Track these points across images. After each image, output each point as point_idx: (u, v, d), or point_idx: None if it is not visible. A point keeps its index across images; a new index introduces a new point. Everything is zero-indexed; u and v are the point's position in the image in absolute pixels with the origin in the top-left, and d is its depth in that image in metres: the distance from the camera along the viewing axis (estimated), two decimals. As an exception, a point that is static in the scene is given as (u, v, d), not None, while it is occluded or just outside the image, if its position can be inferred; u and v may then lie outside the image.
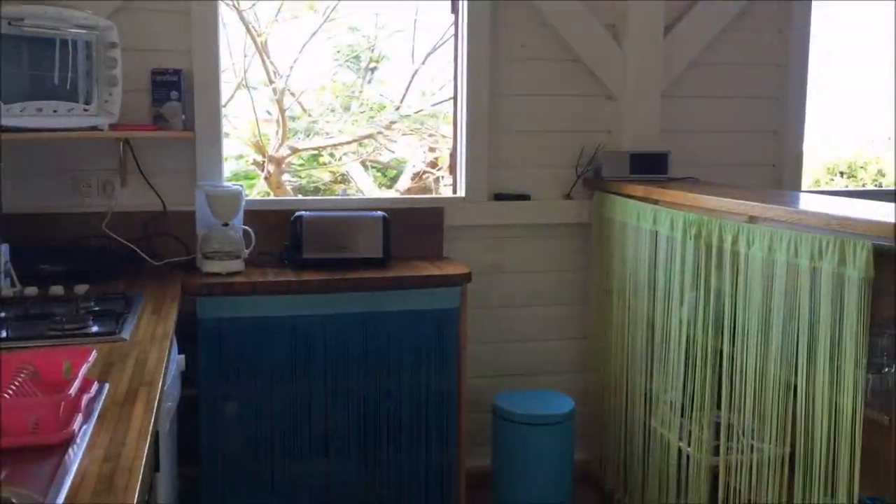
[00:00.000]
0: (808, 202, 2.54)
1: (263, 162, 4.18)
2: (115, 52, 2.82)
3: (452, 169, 3.65)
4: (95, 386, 1.64)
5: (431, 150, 4.34)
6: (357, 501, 3.05)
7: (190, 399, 2.79)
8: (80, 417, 1.45)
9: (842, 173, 4.52)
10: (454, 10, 3.54)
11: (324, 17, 4.09)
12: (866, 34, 4.11)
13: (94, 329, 2.14)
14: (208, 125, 3.21)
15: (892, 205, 2.48)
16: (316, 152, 4.47)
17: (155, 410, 1.58)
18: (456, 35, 3.56)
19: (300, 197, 3.80)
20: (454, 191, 3.63)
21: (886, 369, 2.12)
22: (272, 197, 3.98)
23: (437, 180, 4.24)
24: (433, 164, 4.34)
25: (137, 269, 3.04)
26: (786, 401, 2.36)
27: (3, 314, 2.25)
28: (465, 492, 3.17)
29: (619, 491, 3.40)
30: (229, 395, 2.91)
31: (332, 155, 4.48)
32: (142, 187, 3.19)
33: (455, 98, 3.59)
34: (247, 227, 3.11)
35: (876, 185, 4.44)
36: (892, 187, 4.36)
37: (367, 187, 4.36)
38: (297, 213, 3.16)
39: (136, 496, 1.22)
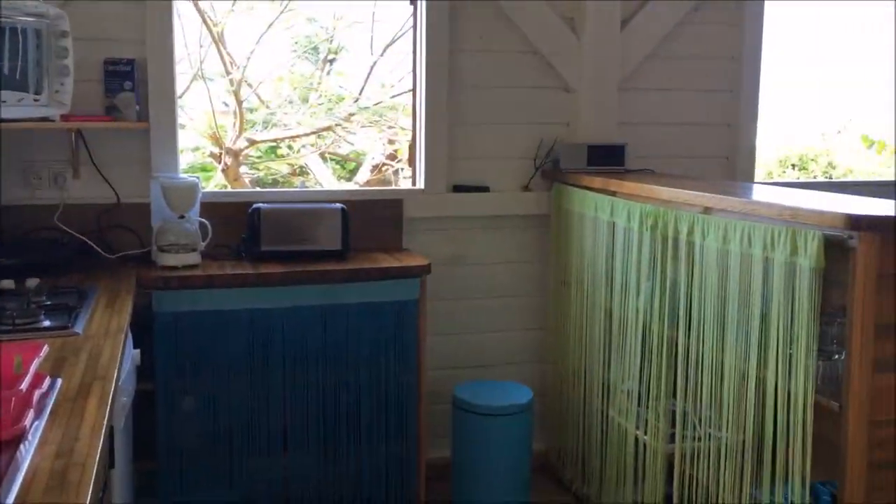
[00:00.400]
0: (761, 193, 2.58)
1: (220, 154, 4.13)
2: (67, 41, 2.75)
3: (412, 161, 3.64)
4: (47, 381, 1.61)
5: (391, 142, 4.33)
6: (316, 494, 3.04)
7: (146, 394, 2.75)
8: (31, 413, 1.43)
9: (793, 166, 4.61)
10: (413, 1, 3.53)
11: (281, 8, 4.05)
12: (817, 30, 4.19)
13: (46, 323, 2.10)
14: (163, 116, 3.16)
15: (842, 196, 2.54)
16: (274, 144, 4.43)
17: (109, 405, 1.56)
18: (415, 27, 3.55)
19: (258, 189, 3.77)
20: (413, 183, 3.63)
21: (836, 357, 2.17)
22: (229, 189, 3.94)
23: (396, 172, 4.23)
24: (392, 157, 4.33)
25: (91, 263, 2.99)
26: (740, 389, 2.40)
27: (-50, 309, 2.20)
28: (424, 483, 3.18)
29: (577, 481, 3.43)
30: (186, 389, 2.87)
31: (290, 147, 4.44)
32: (95, 179, 3.14)
33: (414, 90, 3.58)
34: (203, 220, 3.07)
35: (826, 177, 4.53)
36: (843, 179, 4.46)
37: (325, 179, 4.34)
38: (254, 206, 3.13)
39: (90, 493, 1.20)
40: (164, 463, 2.87)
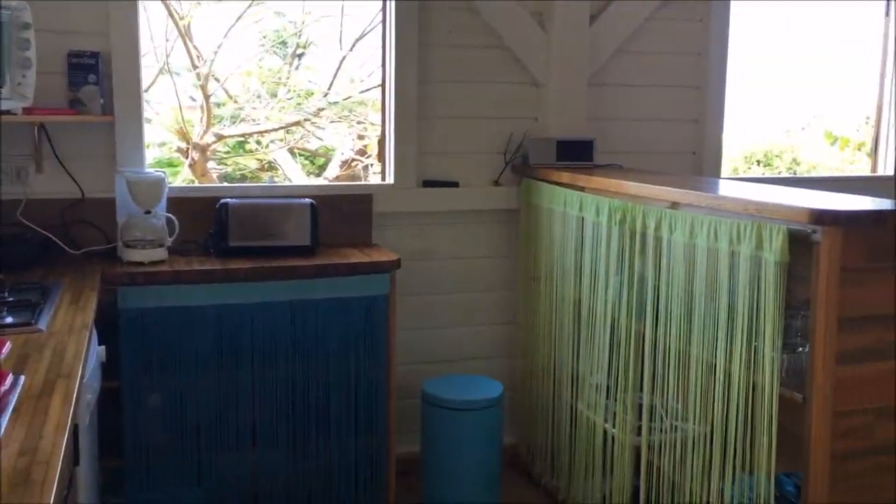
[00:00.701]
0: (728, 189, 2.61)
1: (187, 149, 4.08)
2: (29, 32, 2.70)
3: (381, 156, 3.64)
4: (10, 378, 1.58)
5: (360, 137, 4.31)
6: (285, 490, 3.02)
7: (112, 391, 2.72)
8: (-7, 411, 1.40)
9: (759, 162, 4.66)
10: (382, -5, 3.52)
11: (249, 2, 4.01)
12: (782, 28, 4.24)
13: (9, 320, 2.06)
14: (128, 110, 3.12)
15: (806, 191, 2.57)
16: (242, 139, 4.38)
17: (74, 403, 1.54)
18: (384, 22, 3.54)
19: (226, 184, 3.73)
20: (383, 178, 3.62)
21: (800, 349, 2.20)
22: (197, 184, 3.90)
23: (366, 168, 4.21)
24: (362, 152, 4.31)
25: (55, 259, 2.95)
26: (707, 381, 2.42)
27: None
28: (394, 478, 3.17)
29: (546, 474, 3.45)
30: (153, 385, 2.85)
31: (258, 142, 4.40)
32: (58, 173, 3.09)
33: (383, 85, 3.58)
34: (170, 215, 3.04)
35: (791, 173, 4.59)
36: (809, 175, 4.52)
37: (294, 175, 4.31)
38: (222, 201, 3.11)
39: (54, 491, 1.18)
40: (130, 460, 2.84)
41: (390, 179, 3.56)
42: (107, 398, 2.61)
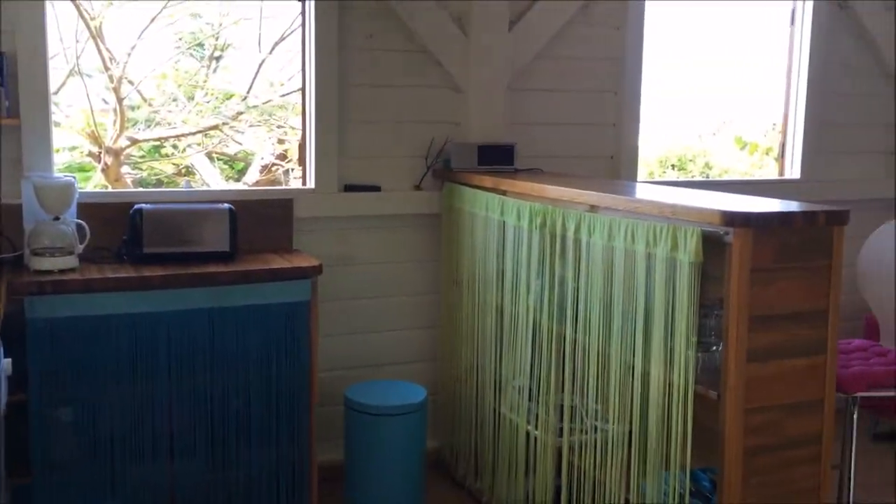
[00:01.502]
0: (644, 192, 2.67)
1: (100, 153, 3.96)
2: (-74, 31, 2.59)
3: (302, 161, 3.59)
4: None
5: (280, 141, 4.25)
6: (205, 500, 2.95)
7: (19, 405, 2.61)
8: None
9: (673, 166, 4.79)
10: (301, -2, 3.48)
11: (163, 3, 3.92)
12: (695, 34, 4.36)
13: None
14: (35, 112, 3.01)
15: (719, 194, 2.65)
16: (158, 143, 4.27)
17: (-26, 417, 1.47)
18: (303, 24, 3.51)
19: (140, 189, 3.63)
20: (304, 182, 3.58)
21: (714, 348, 2.26)
22: (109, 189, 3.78)
23: (286, 173, 4.16)
24: (282, 157, 4.25)
25: (-43, 268, 2.82)
26: (625, 381, 2.47)
27: None
28: (317, 486, 3.13)
29: (469, 476, 3.46)
30: (64, 398, 2.74)
31: (175, 146, 4.30)
32: (-40, 179, 2.96)
33: (303, 88, 3.54)
34: (80, 221, 2.94)
35: (704, 177, 4.73)
36: (721, 178, 4.66)
37: (213, 180, 4.22)
38: (136, 206, 3.02)
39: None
40: (38, 476, 2.73)
41: (311, 184, 3.52)
42: (14, 413, 2.50)
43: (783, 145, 4.43)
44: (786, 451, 2.22)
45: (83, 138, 3.97)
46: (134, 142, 4.11)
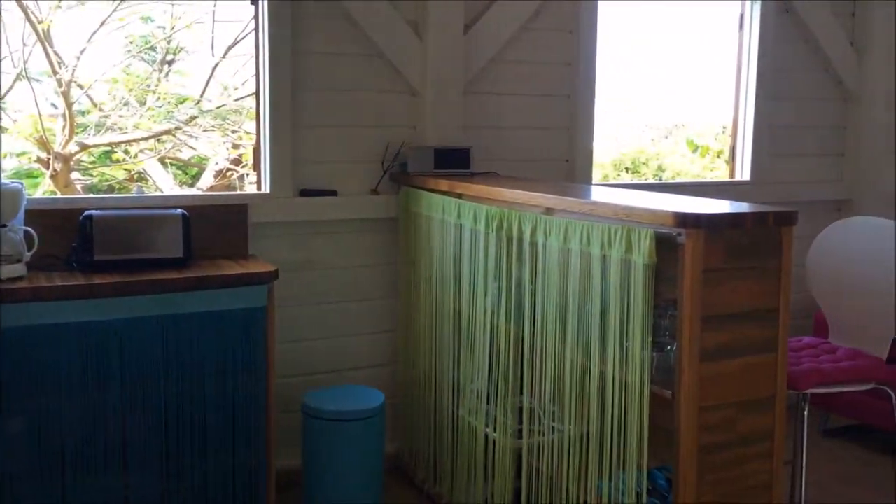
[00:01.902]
0: (599, 195, 2.69)
1: (49, 159, 3.88)
2: None
3: (256, 165, 3.56)
4: None
5: (235, 146, 4.21)
6: (160, 513, 2.90)
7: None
8: None
9: (627, 169, 4.85)
10: (254, 1, 3.45)
11: (113, 7, 3.86)
12: (646, 39, 4.42)
13: None
14: (-19, 118, 2.94)
15: (671, 196, 2.68)
16: (109, 149, 4.20)
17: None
18: (257, 28, 3.48)
19: (90, 195, 3.57)
20: (259, 187, 3.54)
21: (669, 348, 2.29)
22: (59, 196, 3.71)
23: (241, 178, 4.12)
24: (237, 162, 4.21)
25: None
26: (582, 383, 2.49)
27: None
28: (275, 493, 3.10)
29: (429, 480, 3.46)
30: (12, 409, 2.68)
31: (126, 152, 4.23)
32: None
33: (257, 93, 3.50)
34: (28, 229, 2.88)
35: (656, 179, 4.80)
36: (673, 181, 4.73)
37: (166, 186, 4.16)
38: (86, 212, 2.96)
39: None
40: (-13, 491, 2.66)
41: (266, 189, 3.49)
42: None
43: (733, 148, 4.51)
44: (739, 448, 2.26)
45: (31, 144, 3.89)
46: (84, 147, 4.04)
